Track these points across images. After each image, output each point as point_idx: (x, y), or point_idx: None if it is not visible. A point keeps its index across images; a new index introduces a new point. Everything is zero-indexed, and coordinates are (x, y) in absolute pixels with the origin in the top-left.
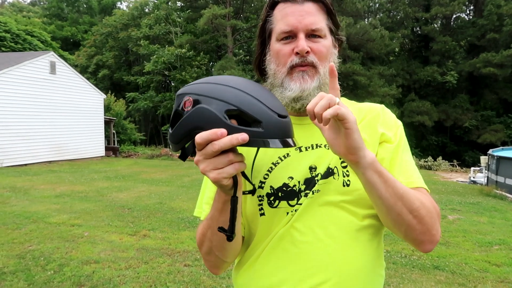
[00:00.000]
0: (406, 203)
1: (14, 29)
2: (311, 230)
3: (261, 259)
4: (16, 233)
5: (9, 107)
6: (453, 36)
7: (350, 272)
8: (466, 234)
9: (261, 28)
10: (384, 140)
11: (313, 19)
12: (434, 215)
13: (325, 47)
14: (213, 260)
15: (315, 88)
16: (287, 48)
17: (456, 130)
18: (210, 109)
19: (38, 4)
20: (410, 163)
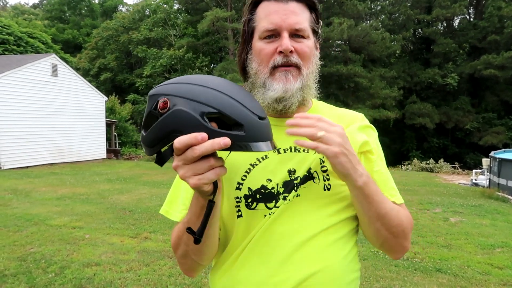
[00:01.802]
0: (386, 222)
1: (16, 32)
2: (289, 233)
3: (238, 263)
4: (17, 236)
5: (11, 109)
6: (454, 38)
7: (326, 275)
8: (468, 236)
9: (244, 26)
10: (366, 150)
11: (298, 18)
12: (408, 230)
13: (309, 47)
14: (188, 264)
15: (298, 89)
16: (270, 47)
17: (457, 132)
18: (189, 112)
19: (40, 7)
20: (388, 176)
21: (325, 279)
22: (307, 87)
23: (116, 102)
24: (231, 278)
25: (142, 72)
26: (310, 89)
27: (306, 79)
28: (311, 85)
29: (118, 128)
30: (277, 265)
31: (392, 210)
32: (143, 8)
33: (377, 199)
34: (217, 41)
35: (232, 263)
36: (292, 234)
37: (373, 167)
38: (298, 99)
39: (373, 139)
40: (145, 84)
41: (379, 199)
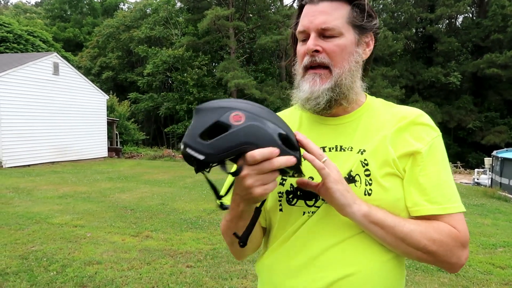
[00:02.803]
0: (410, 243)
1: (16, 30)
2: (328, 235)
3: (276, 254)
4: (19, 234)
5: (12, 108)
6: (457, 37)
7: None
8: (470, 236)
9: (292, 31)
10: (413, 152)
11: (325, 18)
12: (450, 247)
13: (339, 46)
14: (234, 251)
15: (326, 90)
16: (303, 49)
17: (459, 132)
18: (265, 129)
19: (42, 5)
20: (440, 182)
21: (360, 283)
22: (341, 86)
23: (115, 101)
24: (268, 267)
25: (143, 70)
26: (349, 88)
27: (338, 79)
28: (349, 84)
29: (119, 126)
30: (315, 266)
31: (413, 232)
32: (145, 7)
33: (389, 224)
34: (218, 40)
35: (271, 253)
36: (325, 235)
37: (419, 172)
38: (326, 98)
39: (427, 140)
40: (146, 82)
41: (390, 223)
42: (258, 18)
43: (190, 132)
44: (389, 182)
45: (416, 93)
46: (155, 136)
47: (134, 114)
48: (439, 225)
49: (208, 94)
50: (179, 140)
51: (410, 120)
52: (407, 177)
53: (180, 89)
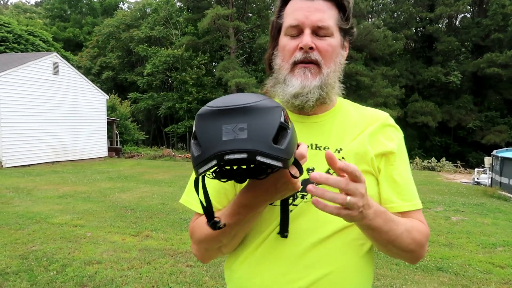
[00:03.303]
0: (398, 244)
1: (16, 30)
2: (305, 232)
3: (256, 256)
4: (19, 234)
5: (12, 107)
6: (457, 36)
7: (340, 276)
8: (469, 235)
9: (273, 23)
10: (386, 153)
11: (321, 16)
12: (423, 243)
13: (331, 46)
14: (211, 254)
15: (316, 87)
16: (293, 43)
17: (459, 131)
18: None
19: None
20: (408, 180)
21: (338, 280)
22: (327, 86)
23: (116, 100)
24: (248, 270)
25: (143, 70)
26: (332, 88)
27: (326, 78)
28: (333, 84)
29: (119, 126)
30: (291, 263)
31: (402, 234)
32: (144, 7)
33: (385, 229)
34: (218, 39)
35: (250, 254)
36: (307, 233)
37: (392, 171)
38: (316, 96)
39: (396, 141)
40: (146, 82)
41: (387, 229)
42: (258, 18)
43: (256, 137)
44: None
45: (416, 93)
46: (155, 136)
47: (134, 114)
48: (418, 225)
49: (207, 93)
50: (180, 139)
51: (382, 122)
52: (383, 175)
53: (180, 89)
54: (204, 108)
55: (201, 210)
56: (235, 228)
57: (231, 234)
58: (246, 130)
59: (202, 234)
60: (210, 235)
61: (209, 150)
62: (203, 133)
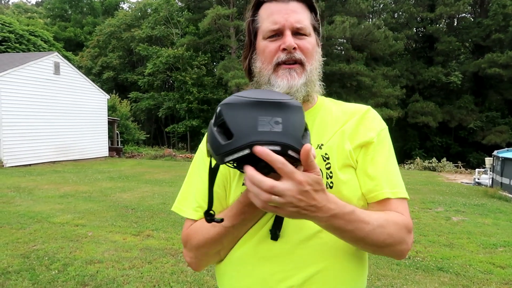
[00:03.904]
0: (370, 242)
1: (18, 30)
2: (293, 230)
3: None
4: (20, 233)
5: (14, 107)
6: (458, 36)
7: (331, 274)
8: (470, 235)
9: (248, 28)
10: (365, 143)
11: (299, 17)
12: (402, 235)
13: (311, 44)
14: (208, 260)
15: (302, 85)
16: (273, 45)
17: (460, 131)
18: None
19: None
20: (390, 168)
21: (329, 278)
22: (311, 83)
23: (117, 100)
24: (238, 271)
25: (144, 70)
26: (314, 85)
27: (310, 75)
28: (315, 81)
29: (120, 126)
30: (280, 262)
31: (374, 231)
32: (145, 6)
33: (350, 229)
34: (219, 39)
35: (239, 255)
36: (295, 230)
37: (369, 160)
38: (303, 94)
39: (376, 131)
40: (147, 82)
41: (351, 228)
42: None
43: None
44: (347, 174)
45: (417, 93)
46: (156, 135)
47: (135, 114)
48: (394, 218)
49: (208, 93)
50: (180, 139)
51: (361, 114)
52: (360, 166)
53: (180, 89)
54: (234, 98)
55: (195, 216)
56: (239, 229)
57: (234, 235)
58: (281, 124)
59: (202, 239)
60: (212, 238)
61: (242, 139)
62: (236, 122)
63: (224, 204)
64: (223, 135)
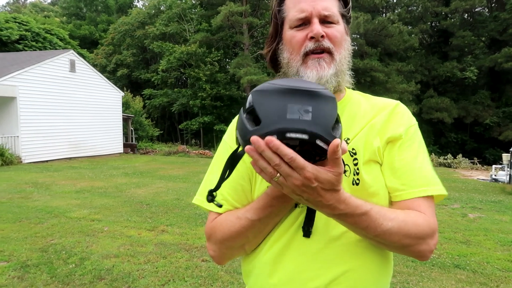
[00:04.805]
0: (382, 241)
1: (34, 28)
2: (322, 228)
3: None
4: (38, 227)
5: (31, 104)
6: (474, 30)
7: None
8: (487, 233)
9: (274, 18)
10: (393, 139)
11: (326, 4)
12: (422, 236)
13: (339, 32)
14: (235, 254)
15: (332, 75)
16: (301, 34)
17: (476, 127)
18: None
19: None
20: (414, 165)
21: (356, 278)
22: (341, 73)
23: (130, 97)
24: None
25: (157, 67)
26: (344, 75)
27: (339, 65)
28: (345, 70)
29: (134, 122)
30: (308, 261)
31: (391, 229)
32: (159, 4)
33: (361, 227)
34: (232, 36)
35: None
36: (325, 228)
37: (394, 157)
38: (333, 84)
39: (405, 126)
40: (160, 78)
41: (363, 226)
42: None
43: (319, 121)
44: (374, 170)
45: (431, 88)
46: (169, 132)
47: (148, 111)
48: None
49: (221, 90)
50: (193, 136)
51: (391, 109)
52: (385, 162)
53: (193, 85)
54: (265, 85)
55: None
56: (265, 222)
57: (260, 229)
58: (311, 113)
59: (227, 232)
60: (237, 231)
61: (270, 125)
62: (265, 108)
63: (249, 198)
64: (252, 121)
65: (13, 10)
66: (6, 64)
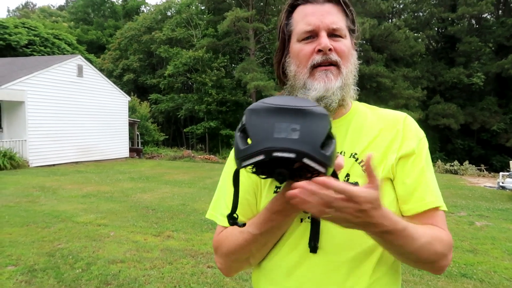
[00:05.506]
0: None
1: (42, 33)
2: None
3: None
4: (45, 232)
5: (39, 109)
6: (480, 36)
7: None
8: (494, 241)
9: (282, 31)
10: (406, 155)
11: (334, 18)
12: (445, 253)
13: (346, 46)
14: (241, 267)
15: (338, 88)
16: (309, 47)
17: (483, 134)
18: None
19: (65, 8)
20: (424, 180)
21: None
22: (346, 86)
23: (136, 102)
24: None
25: (164, 72)
26: (349, 89)
27: (346, 78)
28: (350, 84)
29: (140, 127)
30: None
31: (422, 247)
32: (165, 9)
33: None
34: (238, 41)
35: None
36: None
37: (407, 172)
38: (338, 97)
39: (416, 141)
40: (167, 83)
41: (401, 243)
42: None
43: (307, 140)
44: (386, 186)
45: (438, 95)
46: (175, 136)
47: (154, 115)
48: (440, 235)
49: (227, 95)
50: (199, 141)
51: (403, 125)
52: (398, 177)
53: (199, 90)
54: (257, 104)
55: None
56: (267, 236)
57: (262, 243)
58: (298, 131)
59: (232, 245)
60: (240, 245)
61: (258, 144)
62: (254, 127)
63: (255, 211)
64: (244, 140)
65: (22, 15)
66: (14, 68)
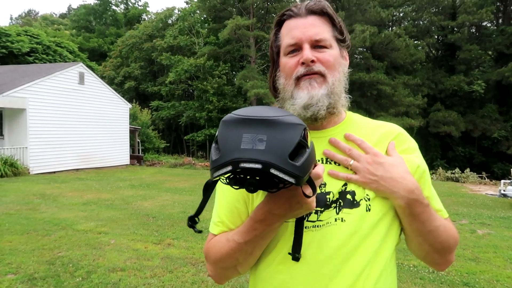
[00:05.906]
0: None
1: (45, 41)
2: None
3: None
4: (46, 240)
5: (40, 116)
6: (481, 44)
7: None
8: (497, 250)
9: (271, 46)
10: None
11: (317, 30)
12: (453, 246)
13: (332, 56)
14: (227, 274)
15: (323, 95)
16: (293, 60)
17: (484, 141)
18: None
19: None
20: (432, 189)
21: None
22: (334, 95)
23: (137, 109)
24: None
25: (165, 80)
26: (338, 97)
27: (332, 86)
28: (339, 93)
29: (141, 134)
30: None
31: (439, 228)
32: (166, 17)
33: (423, 219)
34: (239, 49)
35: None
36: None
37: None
38: (326, 104)
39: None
40: (168, 90)
41: (424, 218)
42: None
43: (273, 150)
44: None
45: (438, 102)
46: (175, 144)
47: (154, 122)
48: (451, 225)
49: (228, 103)
50: (199, 148)
51: (396, 135)
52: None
53: (200, 98)
54: (229, 115)
55: (215, 231)
56: (251, 245)
57: (248, 252)
58: (265, 142)
59: (218, 253)
60: (227, 253)
61: (226, 155)
62: (223, 139)
63: (244, 220)
64: (217, 151)
65: (24, 23)
66: (16, 76)
